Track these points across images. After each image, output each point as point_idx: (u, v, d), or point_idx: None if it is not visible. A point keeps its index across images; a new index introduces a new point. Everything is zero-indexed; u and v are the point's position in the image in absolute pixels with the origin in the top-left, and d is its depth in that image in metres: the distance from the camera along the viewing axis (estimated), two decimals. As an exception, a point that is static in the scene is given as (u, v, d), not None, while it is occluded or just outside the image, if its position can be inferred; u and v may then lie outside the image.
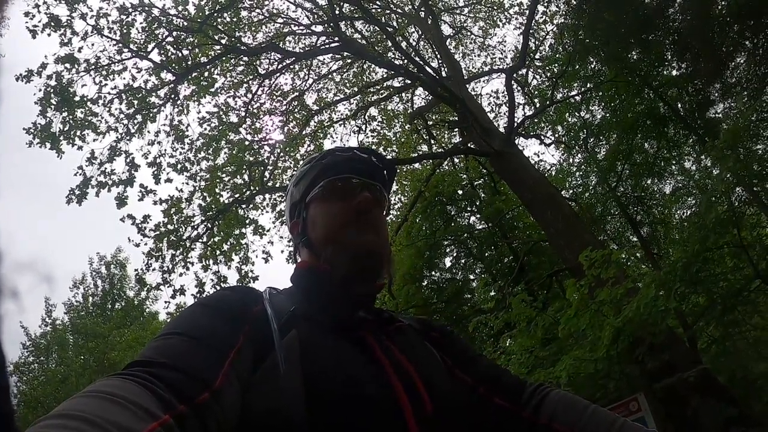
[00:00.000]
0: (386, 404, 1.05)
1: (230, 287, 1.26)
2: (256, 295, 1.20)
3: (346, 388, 1.02)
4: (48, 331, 25.40)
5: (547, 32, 14.37)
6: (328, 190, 1.38)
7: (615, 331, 5.81)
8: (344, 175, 1.39)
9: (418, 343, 1.33)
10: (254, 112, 12.75)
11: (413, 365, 1.15)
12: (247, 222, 11.40)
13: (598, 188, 14.28)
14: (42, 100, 10.05)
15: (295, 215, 1.45)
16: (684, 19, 10.04)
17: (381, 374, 1.10)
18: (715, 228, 6.75)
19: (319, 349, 1.08)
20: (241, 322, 1.07)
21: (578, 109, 14.33)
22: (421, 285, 15.19)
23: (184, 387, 0.84)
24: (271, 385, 0.99)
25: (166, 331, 0.99)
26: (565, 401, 1.30)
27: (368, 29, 14.09)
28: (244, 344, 1.02)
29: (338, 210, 1.34)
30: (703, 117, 11.96)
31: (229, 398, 0.91)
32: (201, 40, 11.08)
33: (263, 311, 1.13)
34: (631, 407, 5.66)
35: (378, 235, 1.34)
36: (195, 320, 1.04)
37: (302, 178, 1.45)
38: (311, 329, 1.13)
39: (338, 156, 1.44)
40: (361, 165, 1.43)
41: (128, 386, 0.78)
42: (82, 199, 10.11)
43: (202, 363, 0.91)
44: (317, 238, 1.34)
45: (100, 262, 27.97)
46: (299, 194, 1.45)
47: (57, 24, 10.10)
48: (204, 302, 1.14)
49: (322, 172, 1.41)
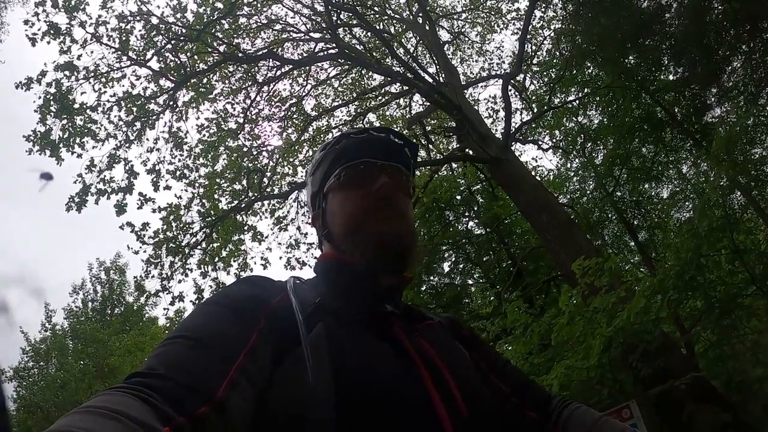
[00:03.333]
0: (420, 406, 0.99)
1: (248, 278, 1.19)
2: (277, 287, 1.14)
3: (377, 386, 0.98)
4: (48, 336, 25.40)
5: (544, 37, 14.47)
6: (345, 177, 1.30)
7: (606, 340, 5.83)
8: (360, 160, 1.30)
9: (449, 342, 1.27)
10: (253, 119, 12.82)
11: (445, 365, 1.10)
12: (246, 228, 11.47)
13: (595, 193, 14.28)
14: (41, 107, 10.11)
15: (316, 206, 1.38)
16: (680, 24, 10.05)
17: (413, 373, 1.05)
18: (709, 236, 6.77)
19: (348, 345, 1.03)
20: (255, 319, 1.01)
21: (575, 114, 14.37)
22: (419, 290, 15.20)
23: (182, 399, 0.81)
24: (297, 383, 0.95)
25: (173, 335, 0.95)
26: (578, 414, 1.27)
27: (366, 35, 14.13)
28: (258, 342, 0.97)
29: (356, 198, 1.26)
30: (700, 121, 11.98)
31: (236, 406, 0.86)
32: (199, 47, 11.13)
33: (286, 302, 1.08)
34: (623, 414, 5.66)
35: (402, 222, 1.25)
36: (203, 321, 1.00)
37: (318, 167, 1.38)
38: (338, 323, 1.07)
39: (353, 139, 1.35)
40: (378, 146, 1.34)
41: (125, 400, 0.76)
42: (82, 206, 10.16)
43: (202, 373, 0.87)
44: (337, 230, 1.27)
45: (100, 268, 28.03)
46: (317, 184, 1.38)
47: (56, 32, 10.16)
48: (215, 299, 1.09)
49: (337, 159, 1.33)
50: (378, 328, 1.12)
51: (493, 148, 9.91)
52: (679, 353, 7.17)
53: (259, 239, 11.50)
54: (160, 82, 11.25)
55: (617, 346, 5.95)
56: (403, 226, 1.25)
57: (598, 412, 1.27)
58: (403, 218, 1.27)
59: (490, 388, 1.26)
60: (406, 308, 1.27)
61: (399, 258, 1.23)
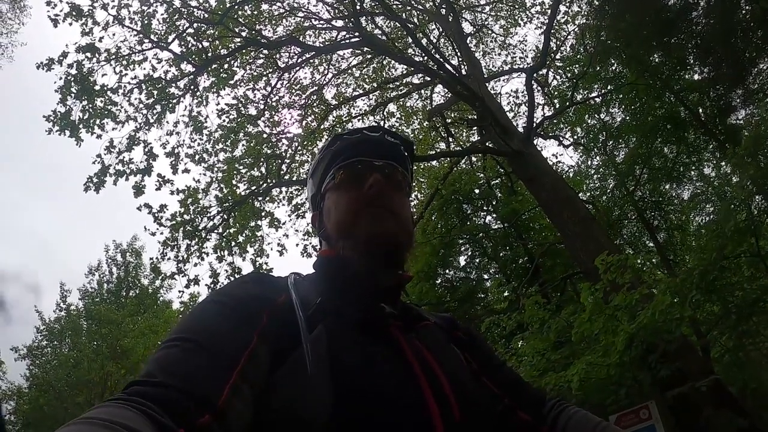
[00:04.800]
0: (415, 409, 0.99)
1: (251, 276, 1.20)
2: (278, 285, 1.14)
3: (374, 389, 0.98)
4: (62, 316, 25.60)
5: (568, 32, 14.37)
6: (340, 177, 1.30)
7: (629, 337, 5.77)
8: (350, 160, 1.30)
9: (445, 344, 1.26)
10: (273, 105, 12.81)
11: (441, 368, 1.09)
12: (263, 214, 11.46)
13: (615, 192, 14.19)
14: (62, 88, 10.12)
15: (315, 207, 1.39)
16: (707, 23, 9.93)
17: (410, 376, 1.04)
18: (734, 237, 6.67)
19: (347, 346, 1.03)
20: (256, 318, 1.01)
21: (598, 111, 14.27)
22: (434, 283, 15.19)
23: (182, 409, 0.79)
24: (296, 384, 0.94)
25: (172, 337, 0.94)
26: (577, 418, 1.25)
27: (389, 25, 14.05)
28: (257, 344, 0.96)
29: (349, 198, 1.25)
30: (724, 123, 11.86)
31: (237, 412, 0.86)
32: (221, 32, 11.12)
33: (288, 301, 1.08)
34: (641, 415, 5.61)
35: (396, 220, 1.24)
36: (204, 321, 0.99)
37: (316, 169, 1.40)
38: (338, 324, 1.06)
39: (346, 140, 1.36)
40: (372, 146, 1.34)
41: (123, 413, 0.75)
42: (100, 187, 10.18)
43: (203, 379, 0.86)
44: (332, 229, 1.27)
45: (116, 250, 28.21)
46: (315, 186, 1.39)
47: (78, 13, 10.17)
48: (216, 298, 1.07)
49: (332, 160, 1.34)
50: (375, 329, 1.11)
51: (514, 142, 9.83)
52: (696, 356, 7.09)
53: (276, 225, 11.48)
54: (181, 66, 11.24)
55: (638, 344, 5.88)
56: (395, 225, 1.23)
57: (597, 417, 1.25)
58: (398, 216, 1.25)
59: (483, 388, 1.26)
60: (404, 308, 1.27)
61: (389, 257, 1.22)
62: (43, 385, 23.01)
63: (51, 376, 23.28)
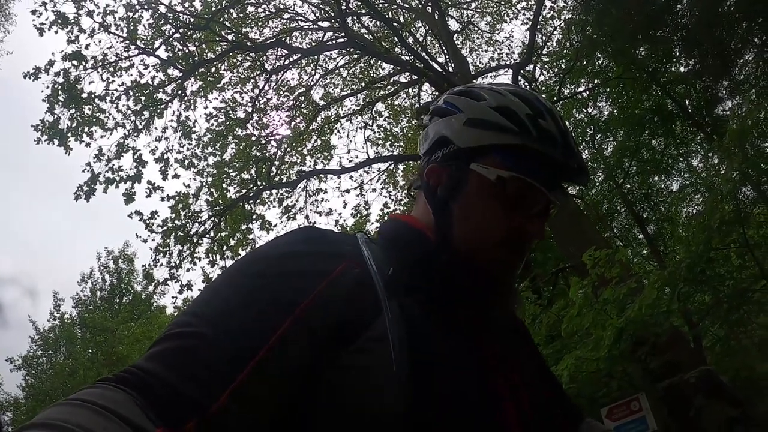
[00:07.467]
0: (492, 425, 0.88)
1: (306, 237, 0.97)
2: (340, 249, 0.93)
3: (455, 395, 0.85)
4: (56, 325, 25.54)
5: (554, 28, 14.36)
6: (512, 188, 0.98)
7: (617, 331, 5.81)
8: (541, 178, 0.99)
9: (520, 346, 1.11)
10: (261, 108, 12.78)
11: (521, 379, 0.97)
12: (254, 217, 11.46)
13: (604, 185, 14.24)
14: (50, 97, 10.10)
15: (446, 162, 1.05)
16: (692, 16, 9.96)
17: (493, 386, 0.91)
18: (720, 229, 6.72)
19: (428, 337, 0.87)
20: (294, 300, 0.82)
21: (585, 106, 14.30)
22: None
23: (167, 406, 0.72)
24: (371, 377, 0.81)
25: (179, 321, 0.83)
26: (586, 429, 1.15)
27: (375, 24, 14.06)
28: (289, 331, 0.79)
29: (504, 218, 0.99)
30: (711, 114, 11.92)
31: (238, 419, 0.75)
32: (208, 36, 11.11)
33: (353, 271, 0.88)
34: (632, 407, 5.65)
35: (520, 266, 1.04)
36: (222, 305, 0.84)
37: (483, 124, 1.01)
38: (416, 305, 0.90)
39: (550, 136, 1.00)
40: (561, 167, 1.03)
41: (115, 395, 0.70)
42: (90, 195, 10.17)
43: (199, 378, 0.75)
44: (457, 232, 0.99)
45: (108, 257, 28.11)
46: (467, 140, 1.02)
47: (64, 21, 10.14)
48: (251, 269, 0.91)
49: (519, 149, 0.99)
50: (453, 319, 0.95)
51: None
52: (687, 347, 7.14)
53: (268, 228, 11.48)
54: (168, 72, 11.24)
55: (627, 338, 5.93)
56: (518, 270, 1.04)
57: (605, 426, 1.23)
58: (520, 269, 1.05)
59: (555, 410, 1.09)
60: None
61: (496, 294, 1.02)
62: (40, 395, 22.93)
63: (47, 386, 23.23)
